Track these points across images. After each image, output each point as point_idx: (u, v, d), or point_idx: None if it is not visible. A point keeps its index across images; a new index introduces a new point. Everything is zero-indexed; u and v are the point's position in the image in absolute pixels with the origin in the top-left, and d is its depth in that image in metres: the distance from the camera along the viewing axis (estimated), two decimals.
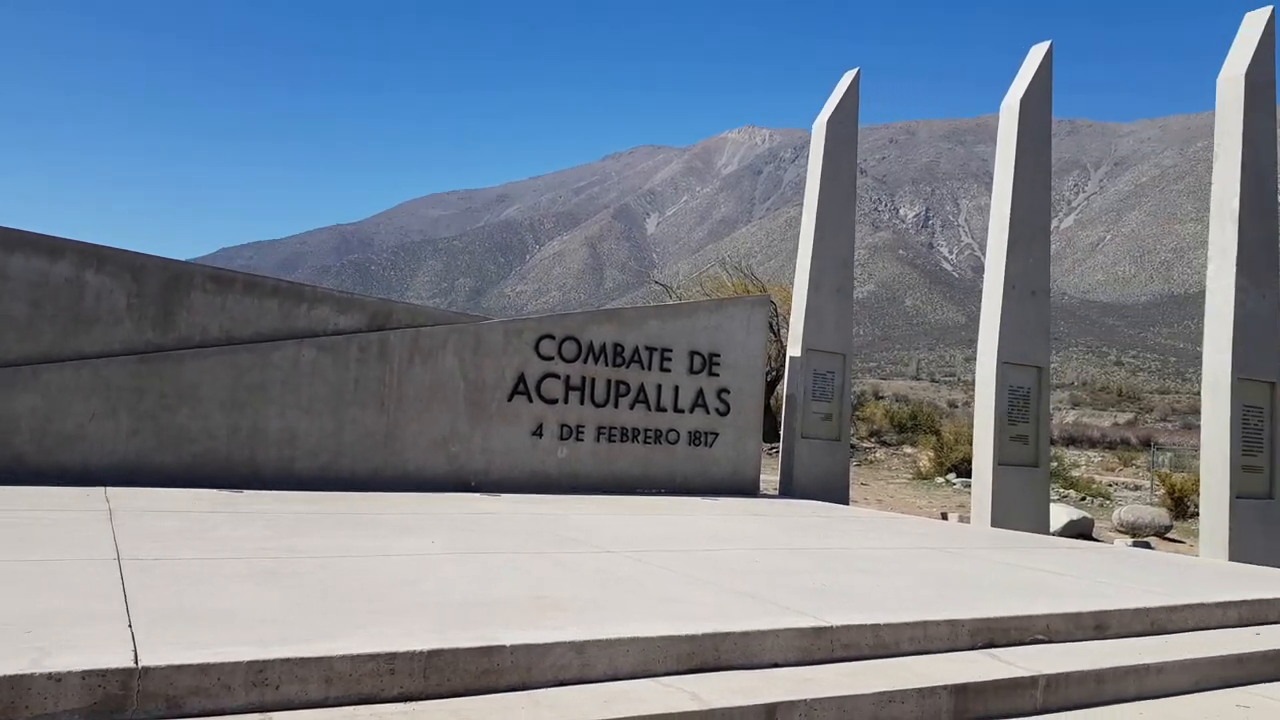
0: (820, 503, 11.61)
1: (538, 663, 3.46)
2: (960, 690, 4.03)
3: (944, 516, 15.55)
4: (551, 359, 10.56)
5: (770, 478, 13.77)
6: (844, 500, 12.78)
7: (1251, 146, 10.62)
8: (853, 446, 30.08)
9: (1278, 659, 5.20)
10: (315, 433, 9.31)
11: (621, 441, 10.93)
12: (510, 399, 10.28)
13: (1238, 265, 10.37)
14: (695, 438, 11.48)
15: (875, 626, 4.43)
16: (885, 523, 9.97)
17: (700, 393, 11.51)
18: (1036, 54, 12.37)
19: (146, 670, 2.86)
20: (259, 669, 3.00)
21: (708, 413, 11.55)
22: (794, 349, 12.84)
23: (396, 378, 9.70)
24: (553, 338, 10.59)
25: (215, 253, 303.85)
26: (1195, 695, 4.69)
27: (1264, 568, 8.54)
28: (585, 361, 10.74)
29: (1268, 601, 6.08)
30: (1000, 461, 11.50)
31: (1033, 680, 4.25)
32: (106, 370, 8.55)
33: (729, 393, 11.74)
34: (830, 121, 13.27)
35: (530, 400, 10.40)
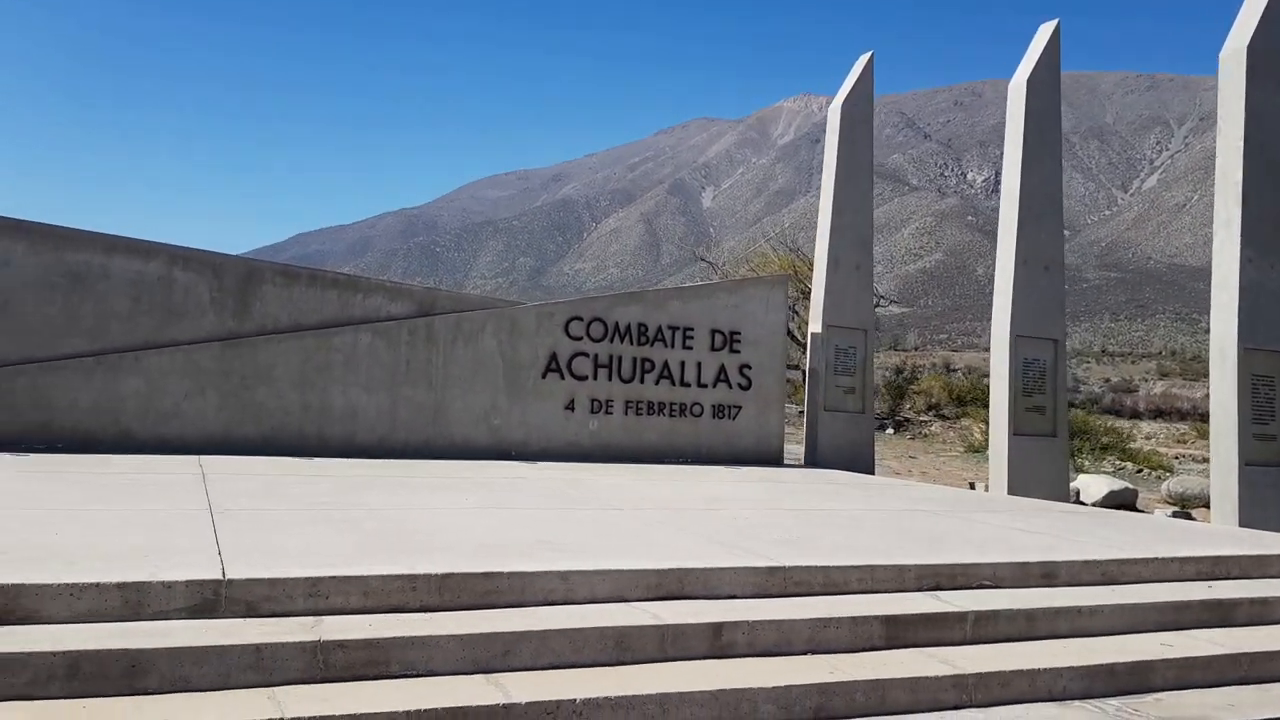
0: (841, 472, 12.14)
1: (529, 586, 4.40)
2: (891, 620, 4.62)
3: (972, 486, 16.11)
4: (580, 339, 11.54)
5: (798, 449, 14.48)
6: (869, 470, 13.20)
7: (1255, 120, 10.59)
8: (907, 420, 30.41)
9: (1217, 607, 5.54)
10: (373, 408, 10.45)
11: (648, 415, 11.85)
12: (544, 376, 11.30)
13: (1242, 237, 10.44)
14: (719, 411, 12.31)
15: (825, 568, 5.05)
16: (894, 489, 10.47)
17: (722, 368, 12.34)
18: (1043, 34, 12.58)
19: (231, 582, 3.88)
20: (313, 583, 4.00)
21: (730, 387, 12.39)
22: (815, 325, 13.43)
23: (442, 358, 10.77)
24: (580, 319, 11.57)
25: (291, 238, 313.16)
26: (1127, 636, 5.09)
27: (1249, 530, 8.51)
28: (612, 341, 11.68)
29: (1228, 558, 6.29)
30: (1016, 432, 11.71)
31: (962, 615, 4.76)
32: (196, 355, 9.85)
33: (750, 368, 12.54)
34: (845, 104, 13.73)
35: (562, 377, 11.40)
